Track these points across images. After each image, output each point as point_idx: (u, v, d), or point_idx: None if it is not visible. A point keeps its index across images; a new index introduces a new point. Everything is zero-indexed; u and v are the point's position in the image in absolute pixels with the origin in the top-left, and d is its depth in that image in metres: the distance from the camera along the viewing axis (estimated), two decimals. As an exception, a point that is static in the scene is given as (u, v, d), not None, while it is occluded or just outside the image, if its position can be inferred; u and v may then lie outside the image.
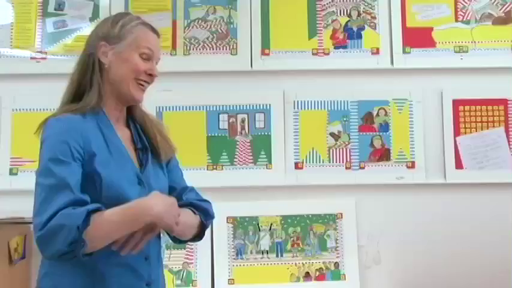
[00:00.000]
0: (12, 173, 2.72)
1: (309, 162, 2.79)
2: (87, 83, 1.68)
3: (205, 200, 1.79)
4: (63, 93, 1.72)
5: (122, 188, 1.58)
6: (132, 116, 1.77)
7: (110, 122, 1.69)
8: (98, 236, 1.47)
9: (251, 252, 2.73)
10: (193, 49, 2.84)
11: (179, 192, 1.76)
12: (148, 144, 1.75)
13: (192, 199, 1.75)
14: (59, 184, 1.50)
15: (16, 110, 2.76)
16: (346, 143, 2.80)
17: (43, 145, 1.59)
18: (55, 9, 2.84)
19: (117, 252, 1.52)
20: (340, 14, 2.88)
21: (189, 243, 2.64)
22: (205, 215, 1.75)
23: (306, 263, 2.74)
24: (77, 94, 1.69)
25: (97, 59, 1.68)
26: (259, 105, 2.81)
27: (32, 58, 2.81)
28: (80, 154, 1.56)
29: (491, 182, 2.76)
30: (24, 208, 2.46)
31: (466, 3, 2.88)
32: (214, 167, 2.77)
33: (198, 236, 1.77)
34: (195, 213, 1.72)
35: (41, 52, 2.81)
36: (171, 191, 1.76)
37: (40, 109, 2.73)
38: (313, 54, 2.85)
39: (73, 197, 1.49)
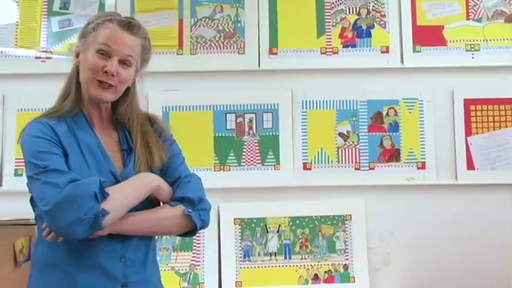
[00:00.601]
0: (17, 174, 2.70)
1: (318, 162, 2.75)
2: (69, 88, 1.70)
3: (188, 181, 1.70)
4: None
5: None
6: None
7: (89, 123, 1.68)
8: (117, 204, 1.52)
9: (259, 254, 2.70)
10: (200, 48, 2.81)
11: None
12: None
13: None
14: (52, 169, 1.52)
15: (21, 110, 2.74)
16: (355, 143, 2.77)
17: (22, 149, 1.62)
18: (60, 8, 2.82)
19: (88, 253, 1.55)
20: (349, 12, 2.84)
21: (197, 243, 2.66)
22: (191, 204, 1.65)
23: (314, 265, 2.71)
24: (64, 99, 1.70)
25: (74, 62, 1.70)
26: (267, 105, 2.78)
27: (37, 58, 2.79)
28: (59, 146, 1.58)
29: (503, 183, 2.72)
30: (30, 209, 2.44)
31: (478, 0, 2.83)
32: (222, 167, 2.74)
33: (195, 228, 1.68)
34: (171, 205, 1.65)
35: (46, 52, 2.79)
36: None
37: (45, 109, 2.70)
38: (321, 53, 2.81)
39: (71, 176, 1.51)
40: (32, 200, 1.63)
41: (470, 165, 2.74)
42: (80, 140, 1.63)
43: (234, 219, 2.71)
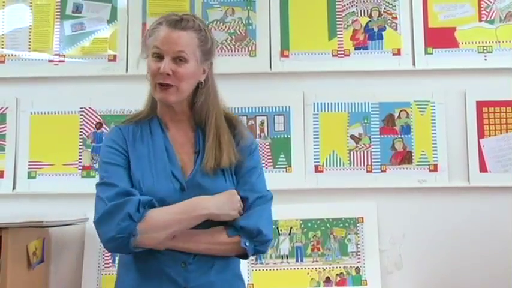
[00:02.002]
0: (30, 176, 2.71)
1: (329, 165, 2.75)
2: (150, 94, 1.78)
3: (256, 206, 1.71)
4: None
5: (156, 194, 1.62)
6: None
7: (162, 127, 1.72)
8: (152, 226, 1.55)
9: (270, 257, 2.70)
10: (211, 51, 2.82)
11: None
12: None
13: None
14: (105, 182, 1.61)
15: (34, 113, 2.75)
16: (367, 145, 2.76)
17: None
18: (73, 12, 2.83)
19: (151, 257, 1.59)
20: (361, 15, 2.84)
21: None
22: (249, 235, 1.66)
23: (326, 267, 2.70)
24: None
25: None
26: (279, 108, 2.78)
27: (49, 61, 2.80)
28: (124, 156, 1.65)
29: (516, 185, 2.70)
30: (43, 211, 2.46)
31: (490, 2, 2.82)
32: (233, 170, 2.74)
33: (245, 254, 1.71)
34: (228, 235, 1.66)
35: (58, 55, 2.80)
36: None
37: (58, 112, 2.73)
38: (333, 55, 2.81)
39: (118, 189, 1.58)
40: None
41: (482, 168, 2.72)
42: (151, 145, 1.68)
43: (246, 221, 2.71)
